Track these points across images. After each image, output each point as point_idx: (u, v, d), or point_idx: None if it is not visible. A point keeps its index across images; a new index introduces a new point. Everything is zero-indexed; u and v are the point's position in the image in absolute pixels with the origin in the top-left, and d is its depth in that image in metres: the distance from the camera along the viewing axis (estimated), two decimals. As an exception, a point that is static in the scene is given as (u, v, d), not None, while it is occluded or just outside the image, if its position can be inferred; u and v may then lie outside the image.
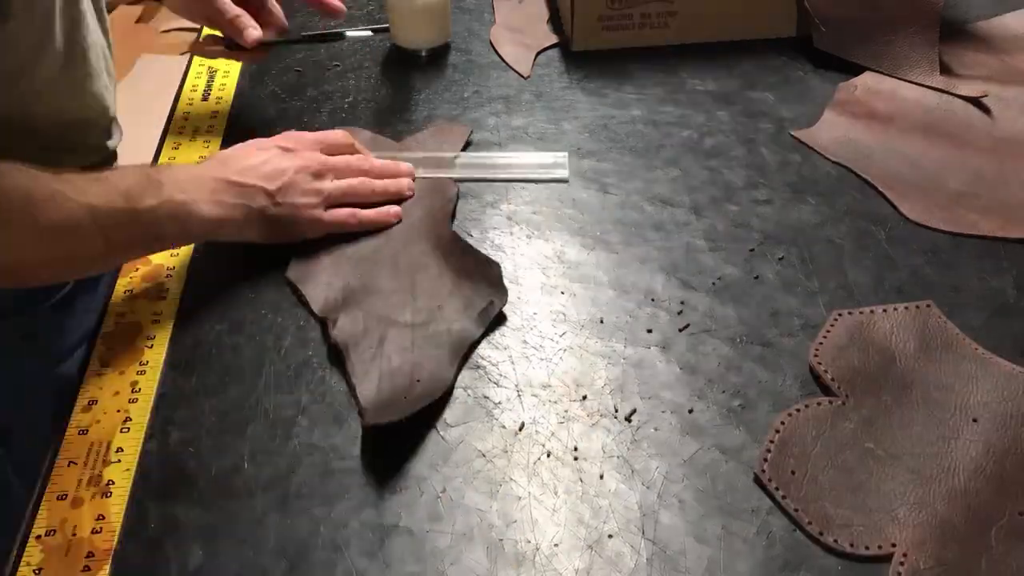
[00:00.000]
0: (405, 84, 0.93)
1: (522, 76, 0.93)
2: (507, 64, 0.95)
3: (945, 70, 0.92)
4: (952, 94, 0.89)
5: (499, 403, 0.62)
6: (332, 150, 0.76)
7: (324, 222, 0.72)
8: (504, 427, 0.60)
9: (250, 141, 0.74)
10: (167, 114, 0.90)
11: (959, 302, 0.68)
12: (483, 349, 0.65)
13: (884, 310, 0.66)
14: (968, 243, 0.73)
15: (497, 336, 0.66)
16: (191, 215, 0.65)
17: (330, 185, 0.72)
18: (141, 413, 0.61)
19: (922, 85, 0.90)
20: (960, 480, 0.55)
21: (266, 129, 0.86)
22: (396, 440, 0.59)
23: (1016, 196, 0.77)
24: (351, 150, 0.77)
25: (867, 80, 0.92)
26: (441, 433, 0.60)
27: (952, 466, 0.56)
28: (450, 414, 0.61)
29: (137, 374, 0.64)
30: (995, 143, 0.83)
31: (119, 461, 0.58)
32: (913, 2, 0.92)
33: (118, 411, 0.61)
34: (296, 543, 0.54)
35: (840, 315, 0.66)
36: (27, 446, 0.76)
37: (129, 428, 0.60)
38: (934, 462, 0.56)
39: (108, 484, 0.57)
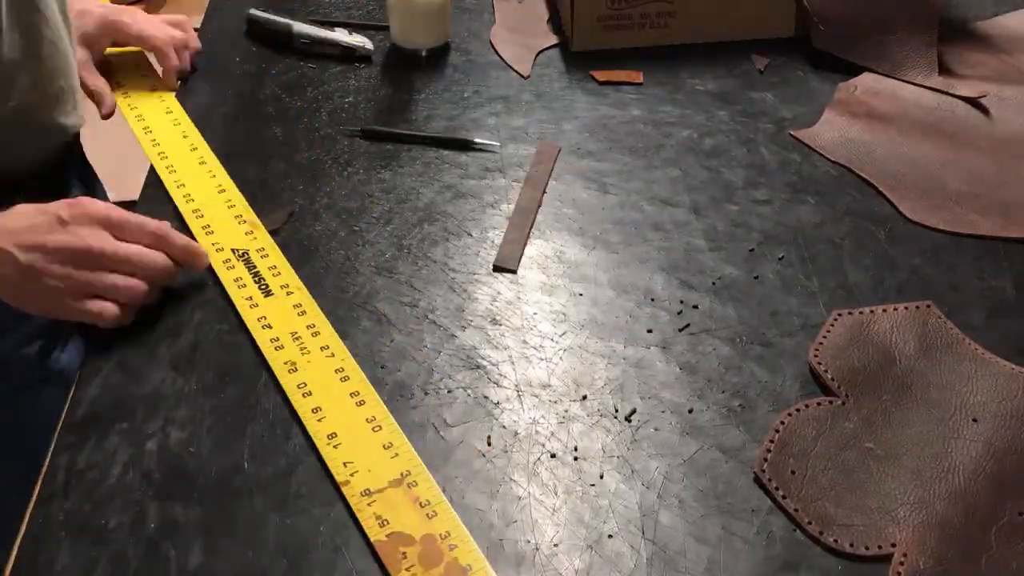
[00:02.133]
0: (405, 84, 0.93)
1: (522, 76, 0.93)
2: (507, 64, 0.95)
3: (945, 70, 0.92)
4: (950, 94, 0.89)
5: (499, 403, 0.62)
6: (126, 233, 0.66)
7: (71, 311, 0.64)
8: (504, 427, 0.60)
9: (41, 205, 0.66)
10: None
11: (959, 302, 0.68)
12: (483, 349, 0.65)
13: (884, 310, 0.66)
14: (968, 243, 0.73)
15: (497, 336, 0.66)
16: None
17: (88, 277, 0.64)
18: None
19: (921, 86, 0.90)
20: (960, 480, 0.55)
21: (266, 128, 0.86)
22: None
23: (1016, 196, 0.77)
24: (149, 239, 0.66)
25: (867, 80, 0.92)
26: (441, 433, 0.60)
27: (952, 466, 0.56)
28: (450, 414, 0.61)
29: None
30: (995, 143, 0.83)
31: None
32: (912, 3, 0.92)
33: None
34: (296, 543, 0.54)
35: (840, 315, 0.66)
36: None
37: None
38: (934, 462, 0.56)
39: None
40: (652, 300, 0.69)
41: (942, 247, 0.73)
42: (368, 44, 0.96)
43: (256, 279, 0.69)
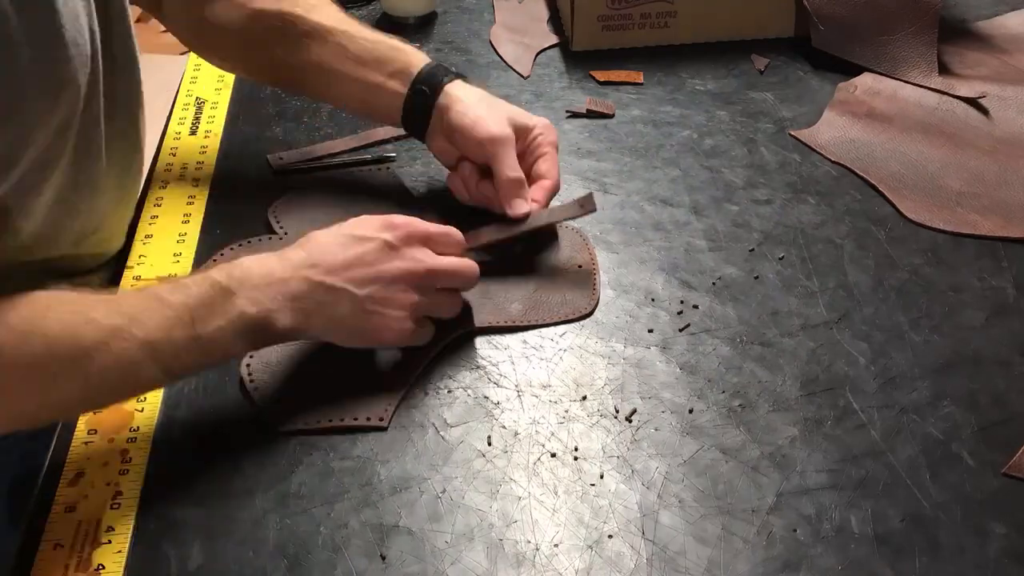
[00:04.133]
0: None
1: (522, 76, 0.93)
2: (507, 64, 0.95)
3: (945, 70, 0.92)
4: (950, 95, 0.89)
5: (499, 403, 0.62)
6: (440, 248, 0.63)
7: (414, 337, 0.62)
8: (504, 427, 0.60)
9: (351, 223, 0.61)
10: (167, 113, 0.90)
11: (959, 302, 0.68)
12: (483, 349, 0.65)
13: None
14: (968, 243, 0.73)
15: (497, 336, 0.66)
16: (266, 329, 0.57)
17: (426, 300, 0.61)
18: (133, 487, 0.56)
19: (921, 86, 0.90)
20: None
21: (266, 128, 0.86)
22: (396, 440, 0.59)
23: (1016, 196, 0.77)
24: (457, 250, 0.64)
25: (867, 80, 0.92)
26: (441, 433, 0.60)
27: None
28: (450, 414, 0.61)
29: (128, 442, 0.58)
30: (995, 143, 0.83)
31: (109, 542, 0.53)
32: (911, 2, 0.92)
33: (107, 484, 0.56)
34: (296, 543, 0.54)
35: None
36: None
37: (120, 504, 0.55)
38: None
39: (98, 570, 0.51)
40: (652, 300, 0.69)
41: (942, 247, 0.73)
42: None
43: None
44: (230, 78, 0.93)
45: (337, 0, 0.85)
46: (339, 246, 0.60)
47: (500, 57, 0.97)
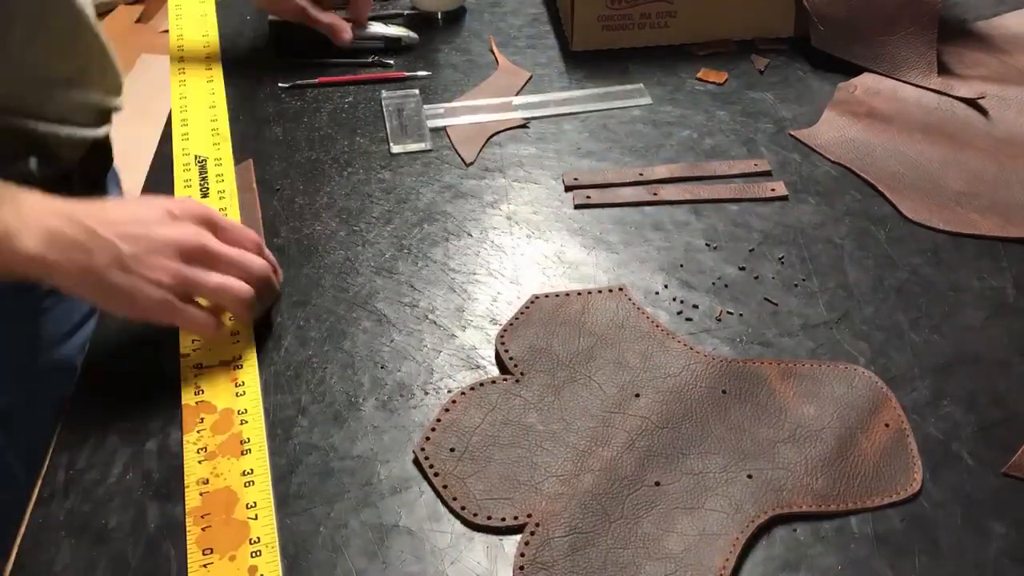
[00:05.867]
0: (404, 83, 0.93)
1: (464, 163, 0.82)
2: (452, 145, 0.84)
3: (944, 70, 0.92)
4: (949, 95, 0.89)
5: (499, 403, 0.61)
6: (230, 239, 0.63)
7: (174, 312, 0.60)
8: (504, 427, 0.60)
9: (145, 197, 0.67)
10: (166, 113, 0.89)
11: (959, 302, 0.68)
12: (483, 349, 0.65)
13: (579, 293, 0.68)
14: (968, 243, 0.73)
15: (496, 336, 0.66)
16: (11, 244, 0.56)
17: (198, 274, 0.60)
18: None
19: (920, 86, 0.90)
20: (611, 453, 0.57)
21: (266, 128, 0.86)
22: (396, 440, 0.59)
23: (1016, 196, 0.77)
24: (252, 247, 0.64)
25: (866, 80, 0.92)
26: (441, 433, 0.60)
27: (607, 439, 0.58)
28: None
29: (252, 556, 0.53)
30: (995, 143, 0.83)
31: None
32: (912, 2, 0.92)
33: None
34: (296, 543, 0.54)
35: (537, 298, 0.67)
36: (28, 429, 0.73)
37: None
38: (590, 436, 0.58)
39: None
40: (652, 300, 0.69)
41: (942, 247, 0.73)
42: (411, 34, 0.98)
43: None
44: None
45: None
46: (121, 205, 0.62)
47: (449, 141, 0.85)
